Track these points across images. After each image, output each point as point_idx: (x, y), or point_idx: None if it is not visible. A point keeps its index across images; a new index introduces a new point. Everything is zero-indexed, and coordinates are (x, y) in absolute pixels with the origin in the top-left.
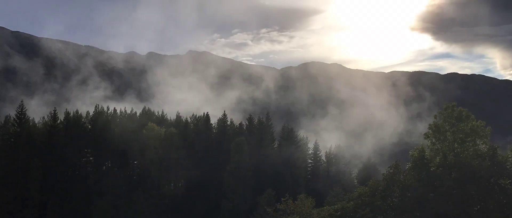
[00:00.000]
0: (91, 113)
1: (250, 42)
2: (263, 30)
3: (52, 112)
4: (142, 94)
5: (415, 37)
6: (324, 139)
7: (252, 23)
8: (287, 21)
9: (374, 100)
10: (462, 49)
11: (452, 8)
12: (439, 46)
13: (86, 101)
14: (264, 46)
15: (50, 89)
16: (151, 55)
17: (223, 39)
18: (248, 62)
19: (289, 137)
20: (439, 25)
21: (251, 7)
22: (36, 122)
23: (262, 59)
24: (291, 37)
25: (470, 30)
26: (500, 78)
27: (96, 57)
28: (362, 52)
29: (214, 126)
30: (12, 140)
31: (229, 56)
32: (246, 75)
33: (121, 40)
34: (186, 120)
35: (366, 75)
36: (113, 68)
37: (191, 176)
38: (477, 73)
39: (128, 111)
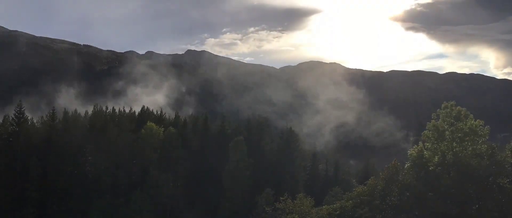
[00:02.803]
0: (90, 112)
1: (239, 42)
2: (251, 29)
3: (51, 111)
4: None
5: (412, 37)
6: (324, 138)
7: (242, 22)
8: (279, 21)
9: (374, 99)
10: (456, 49)
11: (444, 7)
12: (435, 46)
13: None
14: (253, 45)
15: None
16: (150, 54)
17: (212, 39)
18: (240, 61)
19: (288, 136)
20: (432, 25)
21: (242, 6)
22: (35, 121)
23: (252, 58)
24: (280, 37)
25: (461, 29)
26: (498, 78)
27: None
28: (358, 52)
29: (212, 125)
30: (10, 139)
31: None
32: (246, 74)
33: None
34: (185, 119)
35: (365, 74)
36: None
37: (190, 175)
38: (475, 73)
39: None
